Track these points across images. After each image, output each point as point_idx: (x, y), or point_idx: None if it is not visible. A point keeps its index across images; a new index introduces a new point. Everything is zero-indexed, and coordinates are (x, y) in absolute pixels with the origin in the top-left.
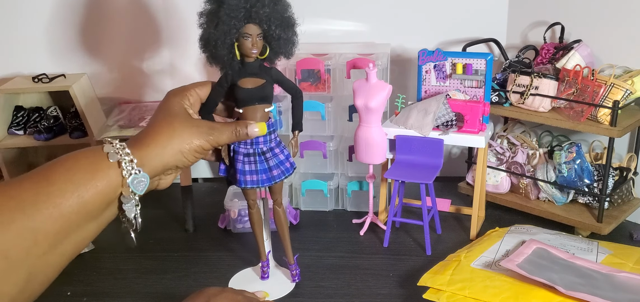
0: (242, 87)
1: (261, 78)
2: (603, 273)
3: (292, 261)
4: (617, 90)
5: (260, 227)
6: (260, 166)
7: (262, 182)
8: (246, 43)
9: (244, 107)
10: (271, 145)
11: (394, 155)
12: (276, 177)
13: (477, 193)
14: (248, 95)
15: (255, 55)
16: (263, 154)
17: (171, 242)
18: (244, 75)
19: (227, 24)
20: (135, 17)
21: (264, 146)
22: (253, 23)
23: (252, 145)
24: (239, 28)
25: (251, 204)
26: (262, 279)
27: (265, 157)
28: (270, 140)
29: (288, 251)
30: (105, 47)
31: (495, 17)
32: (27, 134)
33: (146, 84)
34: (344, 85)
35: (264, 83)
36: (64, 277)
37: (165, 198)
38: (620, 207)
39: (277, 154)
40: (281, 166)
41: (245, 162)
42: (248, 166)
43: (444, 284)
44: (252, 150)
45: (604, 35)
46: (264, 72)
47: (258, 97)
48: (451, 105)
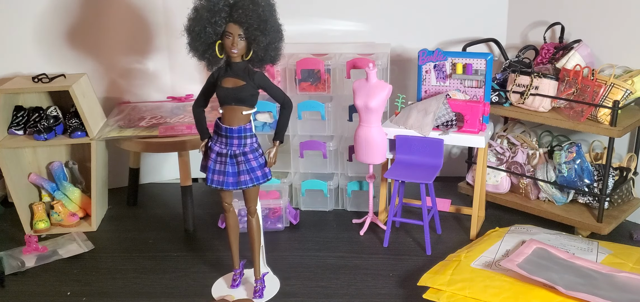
0: (221, 86)
1: (242, 80)
2: (603, 273)
3: (259, 276)
4: (617, 90)
5: (235, 232)
6: (230, 168)
7: (227, 185)
8: (227, 41)
9: (222, 106)
10: (245, 150)
11: (394, 155)
12: (243, 183)
13: (477, 193)
14: (225, 94)
15: (236, 55)
16: (235, 157)
17: (171, 242)
18: (228, 75)
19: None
20: (135, 18)
21: (237, 149)
22: (234, 22)
23: (226, 145)
24: (221, 25)
25: (225, 207)
26: (232, 287)
27: (236, 161)
28: (245, 145)
29: (256, 265)
30: (105, 47)
31: (495, 17)
32: (27, 134)
33: (146, 84)
34: (344, 85)
35: (243, 85)
36: (63, 277)
37: (165, 198)
38: (620, 207)
39: (250, 160)
40: (252, 173)
41: (216, 160)
42: (218, 165)
43: (444, 284)
44: (225, 150)
45: (604, 35)
46: (247, 75)
47: (235, 98)
48: (451, 105)
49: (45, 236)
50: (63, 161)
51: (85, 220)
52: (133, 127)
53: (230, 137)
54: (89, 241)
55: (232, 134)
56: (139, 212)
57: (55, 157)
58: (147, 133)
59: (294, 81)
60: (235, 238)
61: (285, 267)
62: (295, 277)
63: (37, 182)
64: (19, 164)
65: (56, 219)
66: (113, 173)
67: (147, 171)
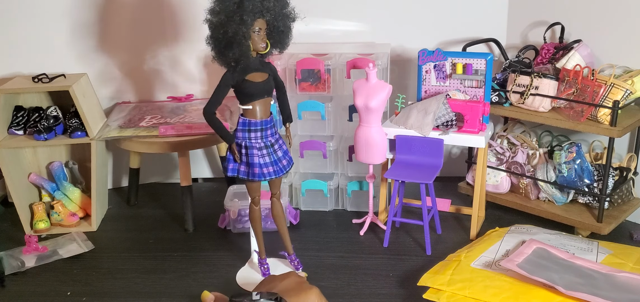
0: (253, 82)
1: (265, 72)
2: (603, 273)
3: (292, 252)
4: (617, 90)
5: (260, 224)
6: (272, 157)
7: (281, 171)
8: (256, 37)
9: (253, 101)
10: (276, 137)
11: (394, 155)
12: (286, 167)
13: (477, 193)
14: (257, 89)
15: (264, 49)
16: (272, 146)
17: (171, 242)
18: (251, 70)
19: (245, 21)
20: (135, 18)
21: (272, 139)
22: (262, 18)
23: (262, 138)
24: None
25: (256, 201)
26: (264, 275)
27: (273, 149)
28: (275, 132)
29: (287, 243)
30: (105, 47)
31: (495, 17)
32: (27, 134)
33: (146, 84)
34: (344, 85)
35: (268, 77)
36: (63, 277)
37: (165, 198)
38: (620, 207)
39: (281, 145)
40: (287, 155)
41: (259, 155)
42: (264, 158)
43: (444, 284)
44: (262, 143)
45: (604, 35)
46: (266, 67)
47: (266, 91)
48: (451, 105)
49: (45, 236)
50: (63, 161)
51: (85, 220)
52: (133, 127)
53: (266, 129)
54: (89, 241)
55: (268, 125)
56: (139, 212)
57: (55, 157)
58: (147, 133)
59: (294, 81)
60: (261, 228)
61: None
62: None
63: (37, 182)
64: (19, 164)
65: (56, 219)
66: (113, 173)
67: (147, 171)
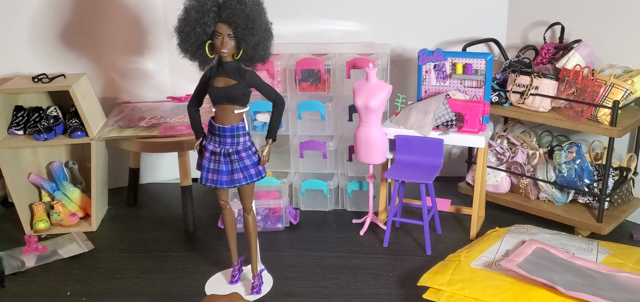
0: (212, 86)
1: (233, 79)
2: (603, 273)
3: (256, 272)
4: (617, 90)
5: (232, 230)
6: (224, 166)
7: (220, 183)
8: (216, 41)
9: (215, 105)
10: (238, 149)
11: (394, 155)
12: (236, 181)
13: (477, 193)
14: (217, 94)
15: (226, 54)
16: (228, 155)
17: (171, 242)
18: (219, 74)
19: (196, 19)
20: (135, 18)
21: (230, 148)
22: (223, 22)
23: (219, 144)
24: (210, 26)
25: (222, 205)
26: (231, 283)
27: (230, 160)
28: (238, 143)
29: (253, 261)
30: (105, 47)
31: (495, 17)
32: (27, 134)
33: (146, 84)
34: (344, 85)
35: (234, 84)
36: (63, 277)
37: (165, 198)
38: (620, 207)
39: (243, 158)
40: (245, 171)
41: (210, 159)
42: (212, 164)
43: (444, 284)
44: (218, 149)
45: (604, 35)
46: (238, 75)
47: (227, 98)
48: (451, 105)
49: (45, 236)
50: (63, 161)
51: (85, 220)
52: (133, 127)
53: (223, 136)
54: (89, 241)
55: (225, 133)
56: (139, 212)
57: (55, 157)
58: (147, 133)
59: (294, 81)
60: (232, 235)
61: (285, 267)
62: (295, 277)
63: (37, 182)
64: (19, 164)
65: (56, 219)
66: (113, 173)
67: (147, 171)
